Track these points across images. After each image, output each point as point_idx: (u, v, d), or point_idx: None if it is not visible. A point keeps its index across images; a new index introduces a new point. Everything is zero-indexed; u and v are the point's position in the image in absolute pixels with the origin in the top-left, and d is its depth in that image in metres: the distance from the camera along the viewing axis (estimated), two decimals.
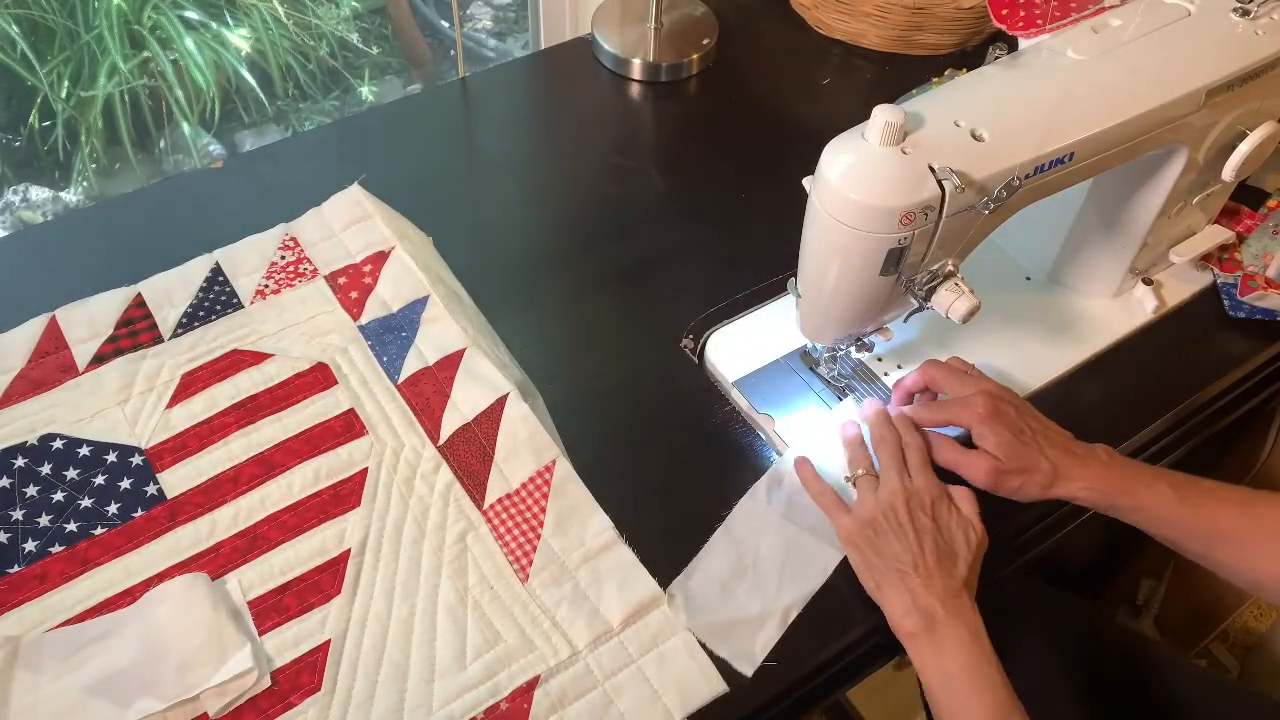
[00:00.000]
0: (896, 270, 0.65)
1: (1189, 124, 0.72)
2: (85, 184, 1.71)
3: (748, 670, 0.65)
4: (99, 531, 0.70)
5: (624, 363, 0.82)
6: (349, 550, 0.70)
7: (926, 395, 0.76)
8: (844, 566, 0.70)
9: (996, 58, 0.69)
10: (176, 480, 0.72)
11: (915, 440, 0.72)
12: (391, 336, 0.81)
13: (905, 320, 0.75)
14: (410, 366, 0.79)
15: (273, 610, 0.67)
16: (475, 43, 2.03)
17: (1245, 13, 0.72)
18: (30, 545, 0.69)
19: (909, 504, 0.67)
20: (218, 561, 0.69)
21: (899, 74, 1.10)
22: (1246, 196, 0.91)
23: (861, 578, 0.67)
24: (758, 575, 0.69)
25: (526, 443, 0.74)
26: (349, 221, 0.89)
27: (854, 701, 1.19)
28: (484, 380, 0.77)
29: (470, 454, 0.74)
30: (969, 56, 1.12)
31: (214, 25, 1.71)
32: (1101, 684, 0.79)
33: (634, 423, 0.78)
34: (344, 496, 0.72)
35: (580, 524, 0.71)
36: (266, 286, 0.85)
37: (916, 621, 0.62)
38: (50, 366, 0.78)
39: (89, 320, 0.81)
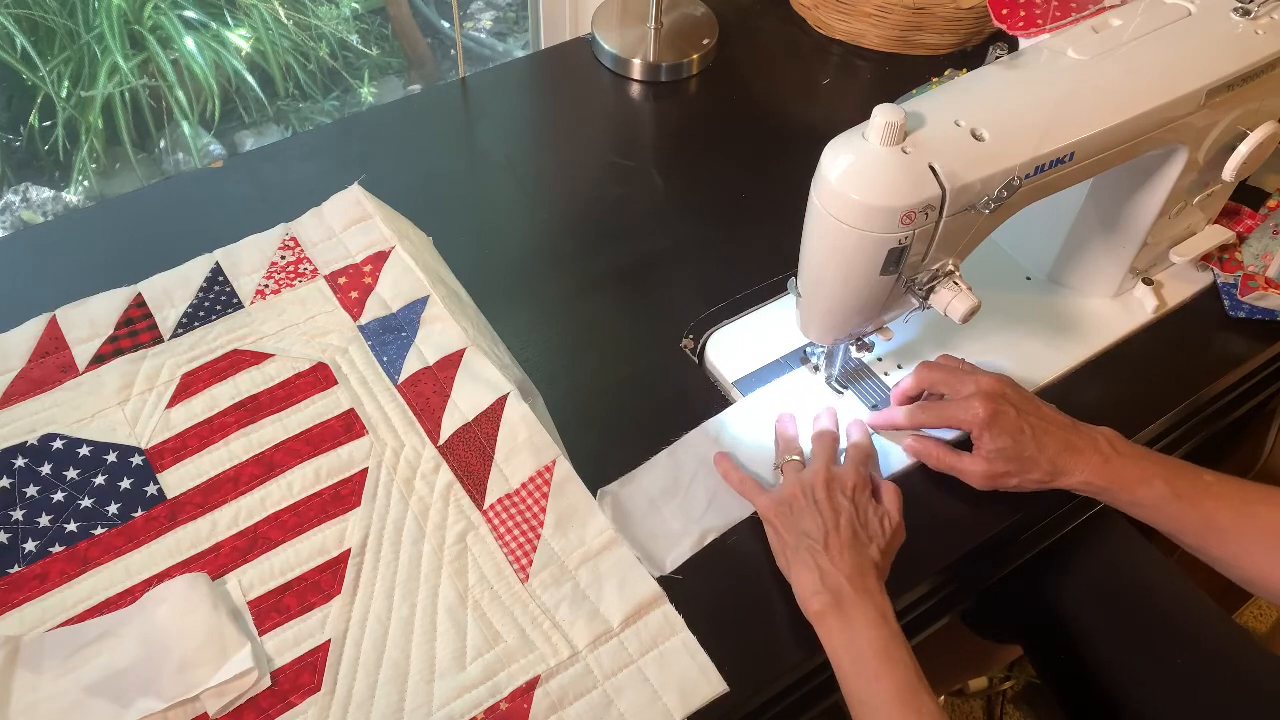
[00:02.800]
0: (896, 270, 0.65)
1: (1189, 124, 0.72)
2: (85, 184, 1.71)
3: (654, 573, 0.68)
4: (99, 531, 0.70)
5: (624, 363, 0.82)
6: (349, 550, 0.70)
7: (932, 398, 0.76)
8: None
9: (996, 58, 0.69)
10: (177, 480, 0.72)
11: (863, 442, 0.74)
12: (391, 336, 0.81)
13: (905, 320, 0.75)
14: (410, 366, 0.79)
15: (273, 610, 0.67)
16: (475, 43, 2.03)
17: (1245, 13, 0.72)
18: (30, 545, 0.69)
19: (829, 485, 0.68)
20: (218, 561, 0.69)
21: (899, 74, 1.10)
22: (1246, 196, 0.91)
23: (776, 556, 0.68)
24: (687, 498, 0.73)
25: (526, 443, 0.74)
26: (349, 221, 0.89)
27: None
28: (484, 380, 0.77)
29: (470, 454, 0.74)
30: (969, 56, 1.12)
31: (214, 25, 1.71)
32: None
33: (634, 423, 0.78)
34: (344, 496, 0.72)
35: (580, 524, 0.71)
36: (267, 286, 0.85)
37: (825, 600, 0.62)
38: (50, 366, 0.78)
39: (89, 320, 0.81)
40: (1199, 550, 0.69)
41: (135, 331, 0.81)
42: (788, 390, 0.80)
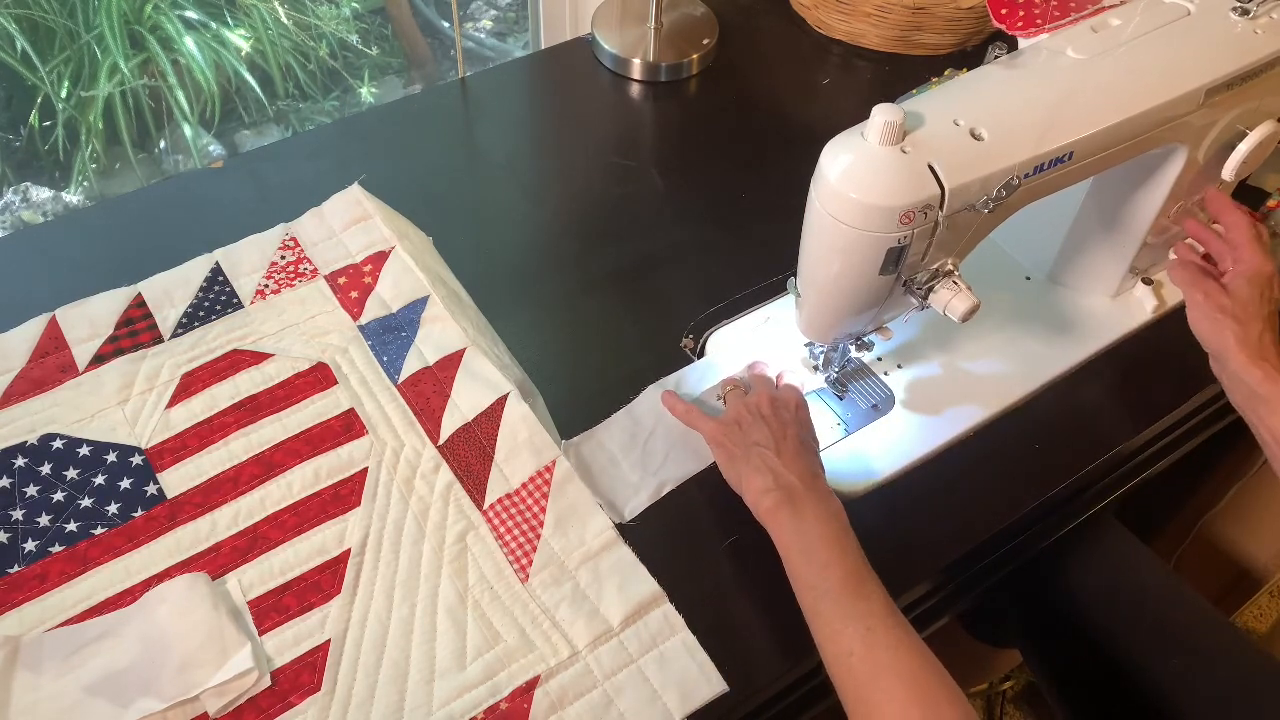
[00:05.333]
0: (896, 270, 0.65)
1: (1188, 123, 0.72)
2: (85, 184, 1.71)
3: (615, 520, 0.71)
4: (99, 531, 0.70)
5: (624, 363, 0.82)
6: (349, 550, 0.70)
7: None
8: None
9: (996, 58, 0.69)
10: (176, 480, 0.72)
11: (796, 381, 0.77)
12: (391, 336, 0.81)
13: (905, 320, 0.75)
14: (410, 366, 0.79)
15: (273, 610, 0.67)
16: (475, 43, 2.03)
17: (1245, 12, 0.72)
18: (30, 545, 0.69)
19: (774, 403, 0.71)
20: (218, 561, 0.69)
21: (899, 74, 1.10)
22: (1246, 196, 0.91)
23: (726, 473, 0.70)
24: (646, 453, 0.75)
25: (526, 443, 0.74)
26: (349, 221, 0.89)
27: None
28: (484, 380, 0.77)
29: (470, 454, 0.74)
30: (969, 56, 1.12)
31: (214, 25, 1.71)
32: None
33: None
34: (344, 496, 0.72)
35: (580, 524, 0.71)
36: (266, 286, 0.85)
37: (777, 496, 0.64)
38: (50, 366, 0.78)
39: (89, 320, 0.81)
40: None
41: (135, 331, 0.81)
42: (745, 351, 0.82)
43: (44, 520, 0.70)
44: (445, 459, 0.74)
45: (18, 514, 0.70)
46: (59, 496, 0.71)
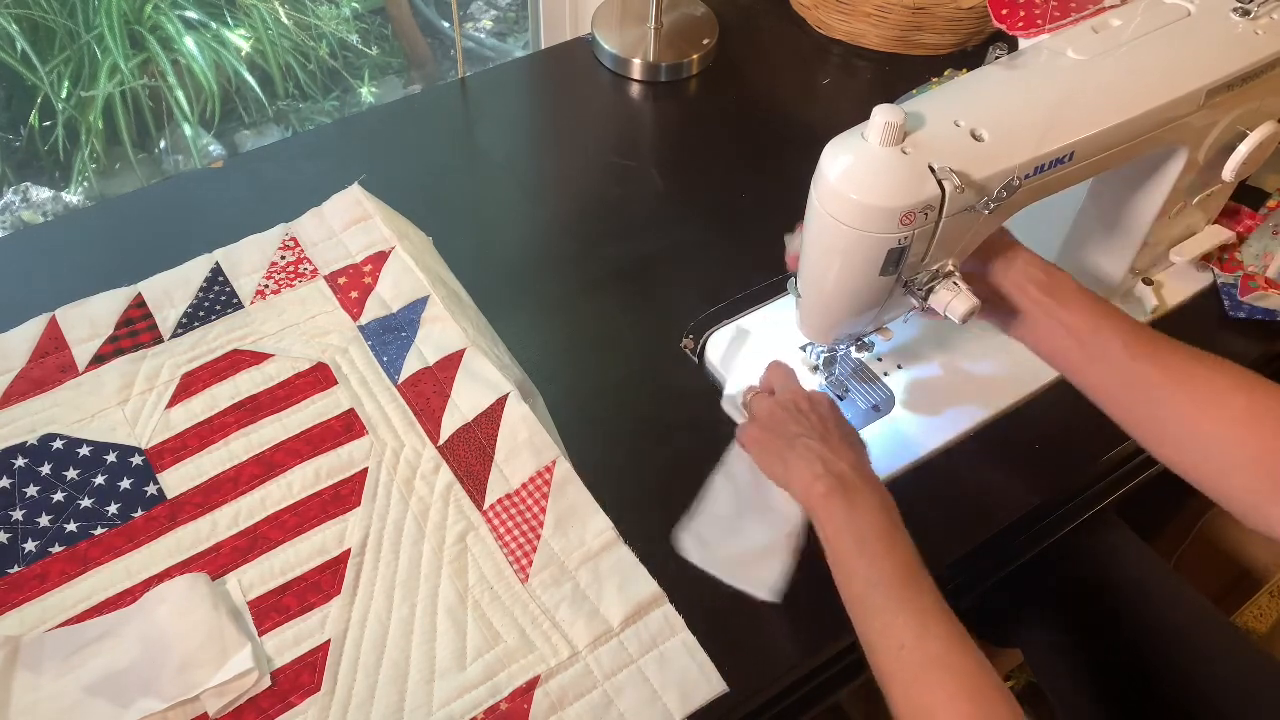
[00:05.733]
0: (896, 270, 0.65)
1: (1189, 124, 0.72)
2: (85, 184, 1.71)
3: (774, 597, 0.66)
4: (99, 531, 0.70)
5: (624, 363, 0.82)
6: (349, 550, 0.70)
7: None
8: None
9: (996, 58, 0.69)
10: (176, 480, 0.72)
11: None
12: (391, 336, 0.81)
13: (905, 320, 0.75)
14: (410, 366, 0.79)
15: (273, 610, 0.67)
16: (475, 43, 2.03)
17: (1245, 13, 0.72)
18: (30, 545, 0.69)
19: (811, 398, 0.69)
20: (218, 561, 0.69)
21: (899, 74, 1.10)
22: (1246, 196, 0.91)
23: (768, 470, 0.67)
24: (760, 507, 0.70)
25: (526, 443, 0.74)
26: (349, 221, 0.89)
27: (852, 708, 1.19)
28: (484, 380, 0.77)
29: (470, 454, 0.74)
30: (969, 56, 1.12)
31: (214, 25, 1.71)
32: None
33: (634, 423, 0.78)
34: (344, 496, 0.72)
35: (580, 524, 0.71)
36: (266, 286, 0.85)
37: (830, 483, 0.62)
38: (50, 366, 0.78)
39: (89, 320, 0.81)
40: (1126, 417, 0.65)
41: (135, 331, 0.81)
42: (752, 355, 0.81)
43: (44, 520, 0.70)
44: (445, 459, 0.74)
45: (18, 514, 0.70)
46: (59, 497, 0.71)
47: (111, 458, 0.73)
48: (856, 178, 0.61)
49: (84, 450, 0.74)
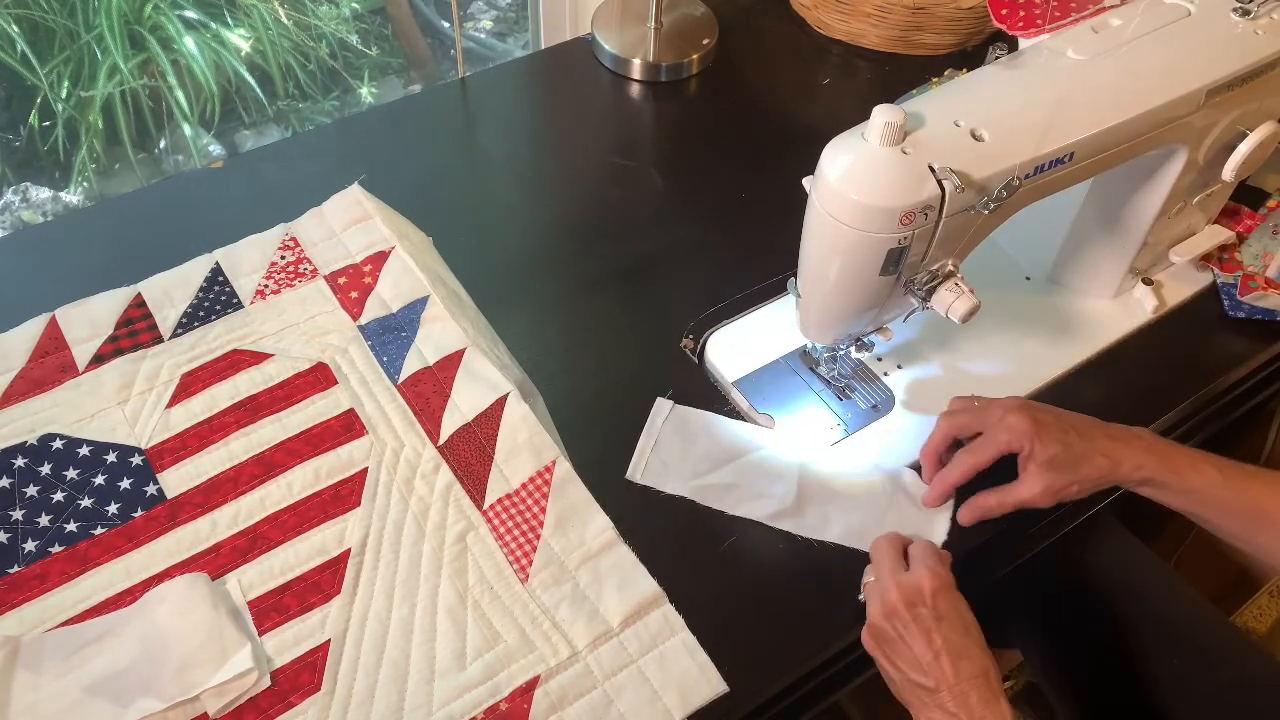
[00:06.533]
0: (896, 270, 0.65)
1: (1189, 124, 0.72)
2: (85, 184, 1.71)
3: (631, 475, 0.74)
4: (99, 531, 0.70)
5: (624, 363, 0.82)
6: (349, 550, 0.70)
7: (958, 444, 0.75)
8: (842, 566, 0.70)
9: (996, 58, 0.69)
10: (176, 480, 0.72)
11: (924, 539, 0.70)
12: (391, 336, 0.81)
13: (905, 320, 0.75)
14: (410, 366, 0.79)
15: (273, 610, 0.67)
16: (475, 43, 2.03)
17: (1245, 13, 0.72)
18: (30, 545, 0.69)
19: (909, 603, 0.63)
20: (218, 561, 0.69)
21: (899, 74, 1.10)
22: (1246, 196, 0.91)
23: (891, 687, 0.66)
24: (720, 461, 0.75)
25: (526, 443, 0.74)
26: (349, 221, 0.89)
27: (852, 708, 1.19)
28: (484, 380, 0.77)
29: (470, 454, 0.74)
30: (969, 56, 1.12)
31: (214, 25, 1.71)
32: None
33: (634, 423, 0.78)
34: (344, 496, 0.72)
35: (580, 524, 0.71)
36: (266, 286, 0.85)
37: None
38: (50, 366, 0.78)
39: (89, 320, 0.81)
40: (1245, 540, 0.68)
41: (135, 331, 0.81)
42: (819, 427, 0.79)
43: (44, 520, 0.70)
44: (445, 459, 0.74)
45: (18, 514, 0.70)
46: (59, 497, 0.71)
47: (111, 458, 0.73)
48: (856, 178, 0.61)
49: (84, 450, 0.74)
